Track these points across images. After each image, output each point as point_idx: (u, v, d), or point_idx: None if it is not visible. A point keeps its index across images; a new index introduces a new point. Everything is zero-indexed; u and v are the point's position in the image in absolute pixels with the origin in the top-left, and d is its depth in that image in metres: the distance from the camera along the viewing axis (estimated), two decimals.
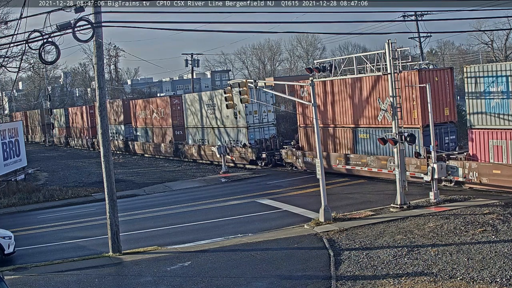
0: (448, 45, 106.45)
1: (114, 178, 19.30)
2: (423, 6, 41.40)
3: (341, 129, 31.55)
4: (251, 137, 38.96)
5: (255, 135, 39.14)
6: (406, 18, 52.62)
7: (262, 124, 39.62)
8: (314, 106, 22.09)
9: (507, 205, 20.75)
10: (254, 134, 39.08)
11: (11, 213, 29.94)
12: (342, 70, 26.77)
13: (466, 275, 13.87)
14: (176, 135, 48.92)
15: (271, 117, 39.99)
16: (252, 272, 15.82)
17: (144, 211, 27.16)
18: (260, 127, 39.47)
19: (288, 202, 25.84)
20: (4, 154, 35.78)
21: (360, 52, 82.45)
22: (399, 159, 22.28)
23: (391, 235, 18.15)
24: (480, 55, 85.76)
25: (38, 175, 44.63)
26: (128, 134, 58.89)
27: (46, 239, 22.94)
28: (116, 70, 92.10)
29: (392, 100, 22.49)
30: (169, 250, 18.95)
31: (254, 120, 39.31)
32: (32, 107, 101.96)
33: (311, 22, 41.92)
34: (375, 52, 23.95)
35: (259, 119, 39.48)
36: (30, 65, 41.32)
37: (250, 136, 38.96)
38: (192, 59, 66.30)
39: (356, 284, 14.11)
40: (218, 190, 31.87)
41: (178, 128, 49.02)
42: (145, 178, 39.37)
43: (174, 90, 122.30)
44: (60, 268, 17.69)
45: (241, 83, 26.38)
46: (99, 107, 19.06)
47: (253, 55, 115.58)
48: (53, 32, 16.01)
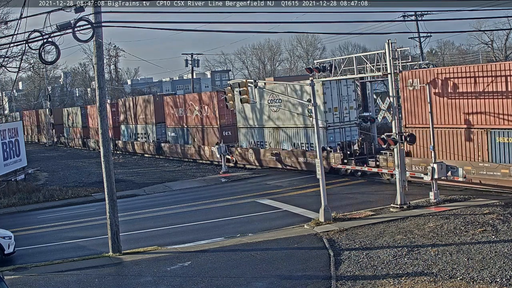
0: (448, 45, 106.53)
1: (114, 178, 19.30)
2: (423, 6, 41.41)
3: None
4: (330, 139, 32.18)
5: (335, 137, 32.43)
6: (406, 18, 52.71)
7: (344, 123, 32.81)
8: (314, 106, 22.09)
9: (507, 205, 20.76)
10: (334, 135, 32.38)
11: (11, 213, 29.93)
12: (342, 70, 26.78)
13: (466, 275, 13.87)
14: (225, 136, 42.22)
15: (353, 115, 33.05)
16: (252, 272, 15.82)
17: (144, 211, 27.16)
18: (341, 127, 32.75)
19: (288, 202, 25.84)
20: (4, 154, 35.78)
21: (360, 52, 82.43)
22: (399, 159, 22.28)
23: (391, 235, 18.15)
24: (480, 55, 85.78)
25: (38, 175, 44.63)
26: (160, 135, 52.33)
27: (46, 239, 22.94)
28: (116, 70, 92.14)
29: (392, 100, 22.49)
30: (169, 250, 18.95)
31: (334, 119, 32.47)
32: (32, 107, 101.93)
33: (311, 22, 42.00)
34: (375, 52, 23.97)
35: (340, 117, 32.68)
36: (30, 65, 41.37)
37: (329, 139, 32.21)
38: (192, 59, 66.34)
39: (356, 284, 14.11)
40: (218, 190, 31.87)
41: (227, 128, 42.56)
42: (145, 178, 39.37)
43: (174, 90, 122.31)
44: (60, 268, 17.68)
45: (240, 83, 26.36)
46: (99, 107, 19.05)
47: (253, 55, 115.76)
48: (53, 32, 16.01)
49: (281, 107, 35.53)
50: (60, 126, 77.60)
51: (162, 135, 51.92)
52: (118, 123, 60.31)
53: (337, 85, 31.70)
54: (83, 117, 69.53)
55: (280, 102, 35.69)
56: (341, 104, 32.51)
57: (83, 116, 69.44)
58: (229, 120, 42.00)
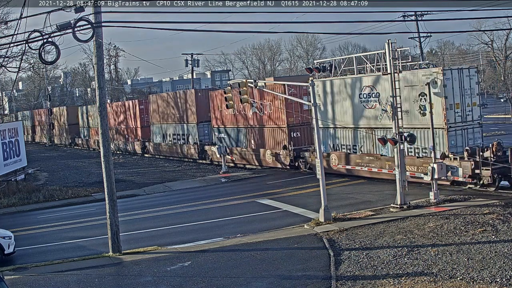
0: (448, 45, 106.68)
1: (114, 178, 19.30)
2: (423, 6, 41.35)
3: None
4: (451, 143, 25.65)
5: (457, 141, 25.92)
6: (406, 18, 52.71)
7: (466, 123, 26.26)
8: (314, 106, 22.08)
9: (507, 205, 20.75)
10: (455, 139, 25.89)
11: (11, 213, 29.93)
12: (342, 70, 26.76)
13: (466, 275, 13.87)
14: (294, 138, 35.10)
15: (476, 113, 26.55)
16: (252, 272, 15.82)
17: (144, 211, 27.16)
18: (463, 128, 26.13)
19: (288, 202, 25.83)
20: (4, 154, 35.79)
21: (360, 52, 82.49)
22: (399, 159, 22.27)
23: (391, 235, 18.15)
24: (480, 55, 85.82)
25: (38, 175, 44.63)
26: (202, 136, 44.43)
27: (46, 239, 22.94)
28: (116, 70, 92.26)
29: (392, 100, 22.48)
30: (169, 250, 18.94)
31: (456, 118, 25.87)
32: (32, 107, 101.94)
33: (311, 22, 41.88)
34: (375, 52, 23.99)
35: (462, 115, 26.14)
36: (30, 65, 41.38)
37: (450, 142, 25.60)
38: (192, 59, 66.32)
39: (356, 284, 14.11)
40: (218, 190, 31.87)
41: (295, 128, 35.20)
42: (145, 178, 39.37)
43: (174, 90, 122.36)
44: (60, 268, 17.68)
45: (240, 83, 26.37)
46: (99, 107, 19.07)
47: (253, 55, 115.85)
48: (53, 32, 16.01)
49: (377, 103, 28.44)
50: (75, 126, 72.19)
51: (205, 136, 44.33)
52: (148, 123, 53.88)
53: (459, 75, 25.89)
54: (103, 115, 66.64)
55: (377, 97, 28.40)
56: (463, 99, 26.20)
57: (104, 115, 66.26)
58: (297, 119, 34.55)
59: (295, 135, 35.02)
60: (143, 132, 54.43)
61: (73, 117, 72.24)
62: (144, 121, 54.63)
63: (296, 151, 34.34)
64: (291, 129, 34.97)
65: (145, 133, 54.33)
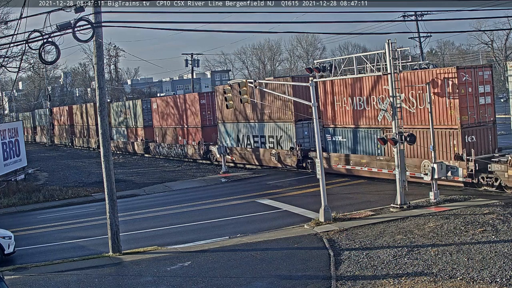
0: (448, 45, 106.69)
1: (114, 178, 19.30)
2: (423, 6, 41.43)
3: None
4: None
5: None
6: (406, 18, 52.76)
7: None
8: (314, 106, 22.09)
9: (507, 205, 20.75)
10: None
11: (11, 213, 29.94)
12: (342, 70, 26.74)
13: (466, 275, 13.87)
14: (469, 143, 24.98)
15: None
16: (252, 272, 15.82)
17: (144, 211, 27.16)
18: None
19: (288, 202, 25.83)
20: (4, 154, 35.80)
21: (360, 52, 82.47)
22: (399, 159, 22.27)
23: (391, 235, 18.15)
24: (480, 55, 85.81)
25: (38, 175, 44.64)
26: (301, 139, 34.07)
27: (46, 239, 22.94)
28: (116, 70, 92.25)
29: (392, 100, 22.48)
30: (169, 250, 18.95)
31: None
32: (32, 107, 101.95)
33: (311, 22, 41.96)
34: (375, 52, 23.94)
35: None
36: (30, 65, 41.36)
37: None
38: (192, 59, 66.33)
39: (356, 284, 14.11)
40: (218, 190, 31.86)
41: (470, 130, 24.95)
42: (145, 178, 39.36)
43: (174, 90, 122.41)
44: (60, 268, 17.68)
45: (241, 84, 26.38)
46: (99, 107, 19.05)
47: (253, 55, 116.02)
48: (53, 32, 16.02)
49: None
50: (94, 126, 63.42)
51: (305, 138, 34.18)
52: (211, 121, 43.74)
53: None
54: (145, 113, 52.75)
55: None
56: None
57: (146, 113, 52.70)
58: (472, 117, 25.13)
59: (470, 139, 25.04)
60: (204, 133, 43.54)
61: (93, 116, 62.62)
62: (205, 119, 43.75)
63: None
64: (465, 131, 24.78)
65: (207, 134, 43.42)
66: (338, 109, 31.22)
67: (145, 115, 52.72)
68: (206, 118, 43.54)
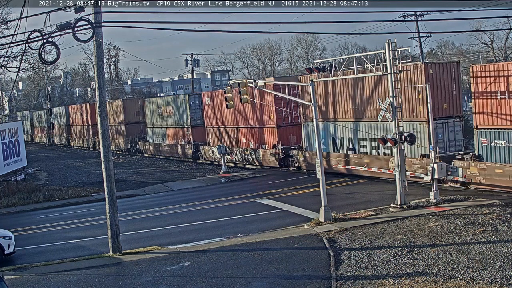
0: (448, 45, 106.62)
1: (114, 178, 19.30)
2: (423, 6, 41.39)
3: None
4: None
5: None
6: (406, 18, 52.71)
7: None
8: (314, 106, 22.09)
9: (507, 205, 20.75)
10: None
11: (11, 213, 29.93)
12: (342, 70, 26.74)
13: (466, 275, 13.87)
14: None
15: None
16: (252, 272, 15.82)
17: (144, 211, 27.16)
18: None
19: (288, 202, 25.83)
20: (4, 154, 35.81)
21: (360, 52, 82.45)
22: (399, 159, 22.27)
23: (391, 235, 18.15)
24: (480, 55, 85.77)
25: (38, 175, 44.64)
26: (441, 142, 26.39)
27: (46, 239, 22.94)
28: (116, 70, 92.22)
29: (392, 100, 22.47)
30: (169, 250, 18.95)
31: None
32: (32, 107, 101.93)
33: (311, 22, 42.00)
34: (375, 52, 23.91)
35: None
36: (30, 65, 41.36)
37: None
38: (192, 59, 66.31)
39: (356, 284, 14.11)
40: (218, 190, 31.86)
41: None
42: (145, 178, 39.36)
43: (174, 90, 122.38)
44: (60, 268, 17.69)
45: (241, 83, 26.38)
46: (99, 107, 19.05)
47: (253, 55, 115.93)
48: (53, 32, 16.03)
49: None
50: (134, 126, 56.68)
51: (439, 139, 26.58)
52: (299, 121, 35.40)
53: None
54: (192, 110, 45.52)
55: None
56: None
57: (194, 109, 45.47)
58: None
59: None
60: (279, 134, 36.04)
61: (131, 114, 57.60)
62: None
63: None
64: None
65: (282, 135, 36.13)
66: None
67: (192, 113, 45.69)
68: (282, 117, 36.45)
